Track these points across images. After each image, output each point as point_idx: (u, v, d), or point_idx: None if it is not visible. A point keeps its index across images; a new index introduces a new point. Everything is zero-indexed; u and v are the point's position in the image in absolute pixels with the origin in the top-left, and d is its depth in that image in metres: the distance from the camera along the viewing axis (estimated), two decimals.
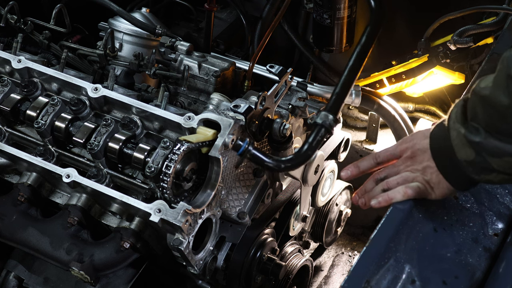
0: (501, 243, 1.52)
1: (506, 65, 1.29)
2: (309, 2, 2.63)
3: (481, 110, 1.35)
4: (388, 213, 1.53)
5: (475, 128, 1.37)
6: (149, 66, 2.03)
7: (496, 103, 1.30)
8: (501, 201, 1.61)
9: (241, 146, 1.69)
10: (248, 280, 1.97)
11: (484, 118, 1.35)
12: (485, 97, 1.33)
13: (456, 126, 1.42)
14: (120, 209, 1.83)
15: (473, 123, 1.38)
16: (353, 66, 1.87)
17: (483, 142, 1.35)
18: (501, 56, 1.32)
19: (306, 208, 2.19)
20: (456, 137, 1.41)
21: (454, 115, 1.43)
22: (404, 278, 1.40)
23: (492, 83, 1.32)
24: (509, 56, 1.29)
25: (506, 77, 1.28)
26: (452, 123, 1.44)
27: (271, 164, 1.70)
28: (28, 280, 1.93)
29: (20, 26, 2.10)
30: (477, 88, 1.36)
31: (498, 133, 1.33)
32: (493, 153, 1.35)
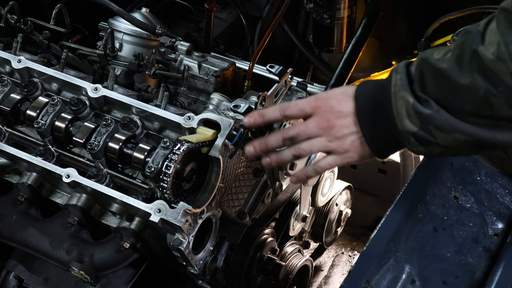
0: (501, 243, 1.52)
1: (472, 40, 1.20)
2: (309, 2, 2.63)
3: (432, 82, 1.27)
4: (388, 213, 1.53)
5: (425, 100, 1.28)
6: (149, 66, 2.03)
7: (454, 79, 1.23)
8: (501, 201, 1.61)
9: (235, 136, 1.68)
10: (248, 280, 1.97)
11: (436, 91, 1.27)
12: (441, 70, 1.24)
13: (402, 94, 1.30)
14: (120, 209, 1.83)
15: (421, 94, 1.28)
16: (348, 58, 1.87)
17: (434, 115, 1.26)
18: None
19: (306, 208, 2.19)
20: (402, 106, 1.30)
21: (398, 82, 1.31)
22: (404, 278, 1.40)
23: (452, 57, 1.23)
24: (475, 31, 1.21)
25: (471, 52, 1.19)
26: (396, 90, 1.32)
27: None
28: (28, 280, 1.93)
29: (20, 26, 2.10)
30: (430, 58, 1.27)
31: (450, 108, 1.26)
32: (442, 127, 1.27)
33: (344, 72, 1.84)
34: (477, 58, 1.19)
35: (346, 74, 1.85)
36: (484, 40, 1.18)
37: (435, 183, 1.61)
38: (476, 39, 1.20)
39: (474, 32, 1.21)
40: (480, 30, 1.20)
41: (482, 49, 1.18)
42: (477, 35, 1.20)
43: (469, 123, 1.25)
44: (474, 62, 1.19)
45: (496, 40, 1.16)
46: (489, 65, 1.17)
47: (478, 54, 1.18)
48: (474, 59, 1.19)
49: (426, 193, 1.58)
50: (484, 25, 1.20)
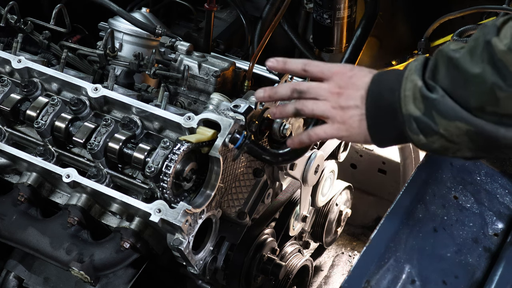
0: (501, 243, 1.52)
1: (486, 32, 1.21)
2: (309, 2, 2.63)
3: (444, 70, 1.28)
4: (388, 213, 1.53)
5: (432, 86, 1.29)
6: (149, 66, 2.03)
7: (464, 69, 1.23)
8: (501, 201, 1.61)
9: (238, 139, 1.68)
10: (248, 280, 1.97)
11: (445, 79, 1.28)
12: (454, 59, 1.26)
13: (413, 77, 1.32)
14: (120, 209, 1.83)
15: (430, 81, 1.30)
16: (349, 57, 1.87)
17: (439, 100, 1.27)
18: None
19: (306, 208, 2.19)
20: (410, 89, 1.31)
21: (413, 67, 1.33)
22: (404, 278, 1.40)
23: (466, 48, 1.25)
24: (492, 25, 1.22)
25: (484, 43, 1.20)
26: (408, 73, 1.33)
27: (268, 157, 1.69)
28: (28, 280, 1.93)
29: (20, 26, 2.10)
30: (446, 49, 1.29)
31: (456, 98, 1.26)
32: (446, 114, 1.27)
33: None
34: (489, 48, 1.20)
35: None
36: (499, 33, 1.19)
37: (435, 183, 1.61)
38: (492, 31, 1.21)
39: (490, 26, 1.22)
40: (497, 25, 1.21)
41: (496, 40, 1.19)
42: (493, 28, 1.21)
43: (473, 115, 1.26)
44: (485, 52, 1.20)
45: (510, 33, 1.18)
46: (500, 57, 1.18)
47: (491, 44, 1.19)
48: (486, 50, 1.20)
49: (426, 193, 1.58)
50: (502, 21, 1.21)
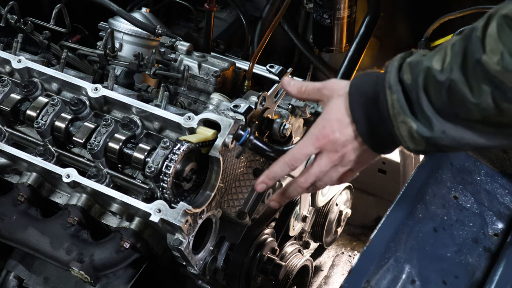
0: (501, 243, 1.52)
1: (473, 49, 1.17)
2: (309, 2, 2.63)
3: (436, 95, 1.24)
4: (388, 213, 1.53)
5: (426, 119, 1.26)
6: (149, 66, 2.03)
7: (460, 90, 1.18)
8: (501, 201, 1.61)
9: (242, 135, 1.67)
10: (248, 280, 1.97)
11: (440, 103, 1.23)
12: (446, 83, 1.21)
13: (403, 118, 1.29)
14: (120, 209, 1.83)
15: (422, 111, 1.26)
16: (352, 56, 1.87)
17: (440, 137, 1.26)
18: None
19: (306, 208, 2.19)
20: (404, 131, 1.29)
21: (396, 104, 1.29)
22: (404, 278, 1.40)
23: (455, 66, 1.19)
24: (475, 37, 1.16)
25: (475, 62, 1.16)
26: (395, 113, 1.29)
27: (272, 154, 1.69)
28: (28, 280, 1.93)
29: (20, 26, 2.10)
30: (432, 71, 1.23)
31: (455, 117, 1.24)
32: (450, 145, 1.27)
33: (349, 70, 1.84)
34: (481, 67, 1.16)
35: (351, 72, 1.85)
36: (485, 48, 1.16)
37: (435, 183, 1.61)
38: (477, 47, 1.17)
39: (474, 39, 1.18)
40: (479, 36, 1.17)
41: (486, 58, 1.15)
42: (477, 42, 1.17)
43: (476, 133, 1.24)
44: (478, 71, 1.17)
45: (499, 49, 1.14)
46: (495, 74, 1.15)
47: (482, 63, 1.16)
48: (478, 68, 1.17)
49: (426, 193, 1.58)
50: (482, 30, 1.17)
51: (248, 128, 1.68)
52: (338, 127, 1.40)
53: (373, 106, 1.35)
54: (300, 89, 1.52)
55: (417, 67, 1.27)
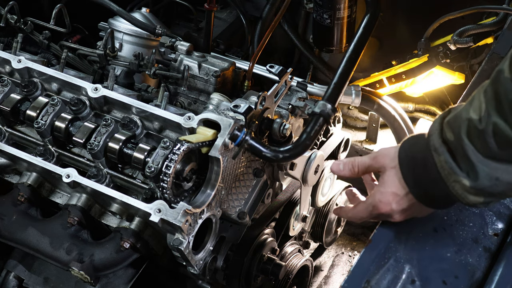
0: (501, 243, 1.52)
1: (506, 90, 1.20)
2: (309, 2, 2.63)
3: (481, 144, 1.26)
4: None
5: (477, 171, 1.28)
6: (149, 66, 2.03)
7: (504, 133, 1.22)
8: (501, 201, 1.61)
9: (238, 136, 1.67)
10: (248, 280, 1.97)
11: (487, 151, 1.26)
12: (488, 130, 1.23)
13: (455, 178, 1.33)
14: (120, 209, 1.83)
15: (471, 165, 1.28)
16: (350, 56, 1.87)
17: (495, 185, 1.28)
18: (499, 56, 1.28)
19: (306, 208, 2.19)
20: (459, 189, 1.33)
21: (445, 165, 1.33)
22: (404, 278, 1.40)
23: (493, 111, 1.22)
24: (505, 79, 1.20)
25: (510, 102, 1.19)
26: (446, 175, 1.34)
27: (269, 155, 1.69)
28: (28, 280, 1.93)
29: (20, 26, 2.10)
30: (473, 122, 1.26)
31: (505, 161, 1.25)
32: (508, 189, 1.29)
33: (347, 70, 1.84)
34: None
35: (349, 73, 1.85)
36: None
37: None
38: (509, 87, 1.19)
39: (503, 81, 1.20)
40: (508, 77, 1.19)
41: None
42: (507, 83, 1.19)
43: None
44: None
45: None
46: None
47: None
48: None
49: None
50: (509, 69, 1.19)
51: (244, 129, 1.68)
52: (393, 199, 1.47)
53: (423, 170, 1.39)
54: (353, 171, 1.60)
55: (456, 122, 1.30)
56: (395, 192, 1.46)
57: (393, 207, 1.47)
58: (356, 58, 1.89)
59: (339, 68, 1.86)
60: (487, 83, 1.26)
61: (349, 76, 1.87)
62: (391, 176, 1.46)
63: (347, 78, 1.88)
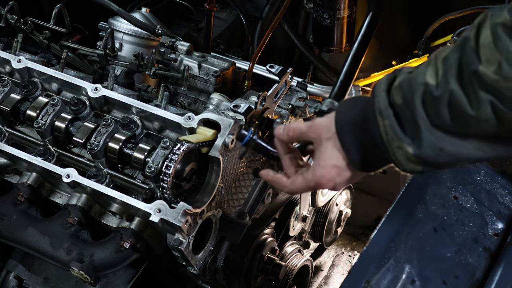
0: (501, 243, 1.52)
1: (468, 60, 1.13)
2: (309, 2, 2.63)
3: (434, 111, 1.20)
4: (388, 213, 1.53)
5: (422, 139, 1.23)
6: (149, 66, 2.03)
7: (459, 104, 1.16)
8: (501, 201, 1.61)
9: (245, 135, 1.66)
10: (248, 280, 1.97)
11: (437, 119, 1.20)
12: (444, 98, 1.17)
13: (397, 144, 1.26)
14: (120, 209, 1.83)
15: (418, 131, 1.23)
16: (355, 55, 1.87)
17: (437, 155, 1.23)
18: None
19: (306, 208, 2.19)
20: (400, 155, 1.27)
21: (389, 129, 1.26)
22: (404, 278, 1.40)
23: (452, 78, 1.16)
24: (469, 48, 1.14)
25: (471, 73, 1.12)
26: (389, 139, 1.26)
27: (276, 154, 1.67)
28: (28, 280, 1.93)
29: (20, 26, 2.10)
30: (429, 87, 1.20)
31: (452, 132, 1.21)
32: (447, 162, 1.25)
33: (352, 69, 1.84)
34: (478, 78, 1.14)
35: (354, 72, 1.85)
36: (480, 58, 1.13)
37: (435, 183, 1.61)
38: (472, 57, 1.14)
39: (468, 50, 1.15)
40: (473, 46, 1.14)
41: (482, 68, 1.12)
42: (472, 52, 1.14)
43: (473, 146, 1.22)
44: (475, 82, 1.14)
45: (495, 58, 1.11)
46: (493, 84, 1.12)
47: (479, 74, 1.13)
48: (475, 79, 1.14)
49: (426, 193, 1.58)
50: (474, 40, 1.14)
51: (251, 128, 1.67)
52: (336, 172, 1.38)
53: (363, 133, 1.32)
54: (288, 135, 1.49)
55: (410, 85, 1.24)
56: (335, 164, 1.38)
57: (336, 181, 1.39)
58: (360, 57, 1.89)
59: (344, 67, 1.86)
60: (449, 49, 1.20)
61: (354, 74, 1.87)
62: (329, 148, 1.37)
63: (353, 76, 1.88)
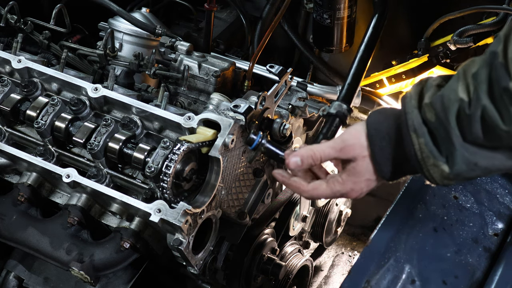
0: (501, 243, 1.52)
1: (498, 77, 1.16)
2: (309, 2, 2.63)
3: (468, 127, 1.22)
4: (388, 213, 1.53)
5: (456, 156, 1.25)
6: (149, 66, 2.03)
7: (491, 120, 1.18)
8: (501, 201, 1.61)
9: (254, 140, 1.66)
10: (248, 280, 1.97)
11: (470, 135, 1.22)
12: (477, 115, 1.19)
13: (433, 162, 1.29)
14: (120, 209, 1.83)
15: (452, 148, 1.24)
16: (362, 57, 1.86)
17: (470, 171, 1.26)
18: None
19: (306, 208, 2.19)
20: (435, 172, 1.30)
21: (424, 147, 1.28)
22: (404, 278, 1.40)
23: (482, 94, 1.18)
24: (498, 64, 1.15)
25: (502, 90, 1.15)
26: (424, 157, 1.29)
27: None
28: (28, 280, 1.93)
29: (20, 26, 2.10)
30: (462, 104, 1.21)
31: (483, 145, 1.23)
32: (482, 174, 1.27)
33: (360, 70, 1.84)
34: (509, 94, 1.15)
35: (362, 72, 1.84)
36: (510, 74, 1.14)
37: None
38: (502, 74, 1.15)
39: (497, 66, 1.16)
40: (502, 62, 1.15)
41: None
42: (501, 69, 1.15)
43: (504, 156, 1.24)
44: (506, 98, 1.16)
45: None
46: None
47: (509, 90, 1.15)
48: (506, 95, 1.16)
49: (426, 193, 1.58)
50: (503, 55, 1.15)
51: (260, 133, 1.66)
52: (366, 185, 1.42)
53: (397, 149, 1.34)
54: (314, 164, 1.47)
55: (443, 102, 1.25)
56: (368, 178, 1.41)
57: (363, 191, 1.43)
58: (367, 58, 1.88)
59: (352, 69, 1.86)
60: (478, 64, 1.21)
61: (361, 76, 1.87)
62: (365, 165, 1.39)
63: (360, 78, 1.88)
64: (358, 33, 2.59)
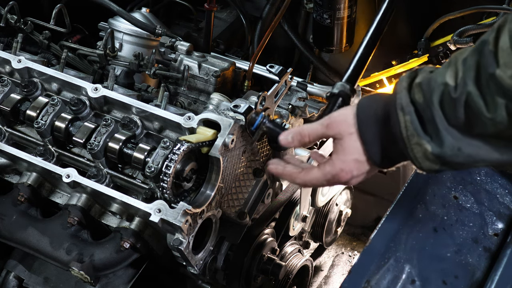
0: (501, 243, 1.52)
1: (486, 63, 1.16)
2: (309, 2, 2.63)
3: (451, 111, 1.23)
4: (388, 213, 1.53)
5: (440, 138, 1.25)
6: (149, 66, 2.03)
7: (475, 105, 1.18)
8: (501, 201, 1.61)
9: (255, 119, 1.66)
10: (248, 280, 1.97)
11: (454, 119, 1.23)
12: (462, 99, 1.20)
13: (417, 140, 1.28)
14: (120, 209, 1.83)
15: (437, 130, 1.25)
16: (368, 42, 1.84)
17: (455, 154, 1.25)
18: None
19: (306, 208, 2.19)
20: (419, 152, 1.29)
21: (409, 125, 1.28)
22: (404, 278, 1.40)
23: (469, 81, 1.18)
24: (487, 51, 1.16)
25: (488, 76, 1.15)
26: (409, 135, 1.29)
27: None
28: (28, 280, 1.93)
29: (20, 26, 2.10)
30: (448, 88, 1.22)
31: (469, 132, 1.23)
32: (465, 162, 1.27)
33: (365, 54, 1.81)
34: (495, 81, 1.15)
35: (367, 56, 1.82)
36: (498, 62, 1.15)
37: (435, 183, 1.61)
38: (490, 61, 1.16)
39: (486, 53, 1.17)
40: (492, 50, 1.16)
41: (499, 72, 1.14)
42: (490, 56, 1.16)
43: (490, 148, 1.24)
44: (492, 85, 1.16)
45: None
46: (509, 88, 1.14)
47: (495, 78, 1.15)
48: (492, 82, 1.16)
49: (426, 193, 1.58)
50: (493, 43, 1.16)
51: (262, 113, 1.67)
52: (355, 165, 1.40)
53: (384, 128, 1.34)
54: (301, 141, 1.48)
55: (430, 84, 1.26)
56: (356, 158, 1.39)
57: (353, 174, 1.41)
58: (374, 44, 1.85)
59: (357, 53, 1.82)
60: (468, 51, 1.22)
61: (367, 60, 1.84)
62: (351, 142, 1.38)
63: (366, 61, 1.84)
64: (358, 33, 2.59)
